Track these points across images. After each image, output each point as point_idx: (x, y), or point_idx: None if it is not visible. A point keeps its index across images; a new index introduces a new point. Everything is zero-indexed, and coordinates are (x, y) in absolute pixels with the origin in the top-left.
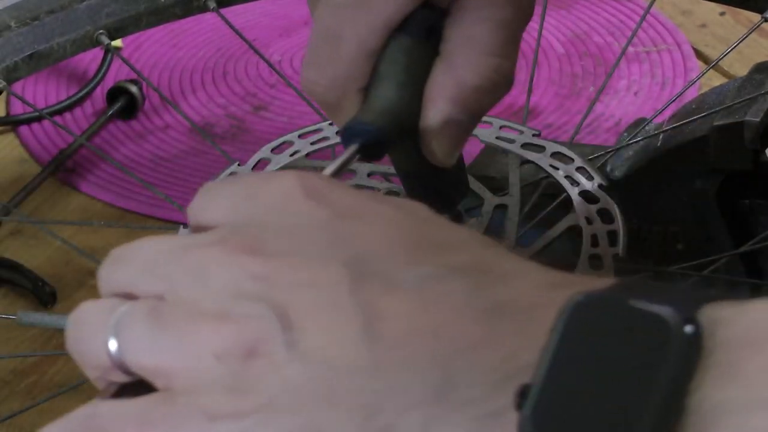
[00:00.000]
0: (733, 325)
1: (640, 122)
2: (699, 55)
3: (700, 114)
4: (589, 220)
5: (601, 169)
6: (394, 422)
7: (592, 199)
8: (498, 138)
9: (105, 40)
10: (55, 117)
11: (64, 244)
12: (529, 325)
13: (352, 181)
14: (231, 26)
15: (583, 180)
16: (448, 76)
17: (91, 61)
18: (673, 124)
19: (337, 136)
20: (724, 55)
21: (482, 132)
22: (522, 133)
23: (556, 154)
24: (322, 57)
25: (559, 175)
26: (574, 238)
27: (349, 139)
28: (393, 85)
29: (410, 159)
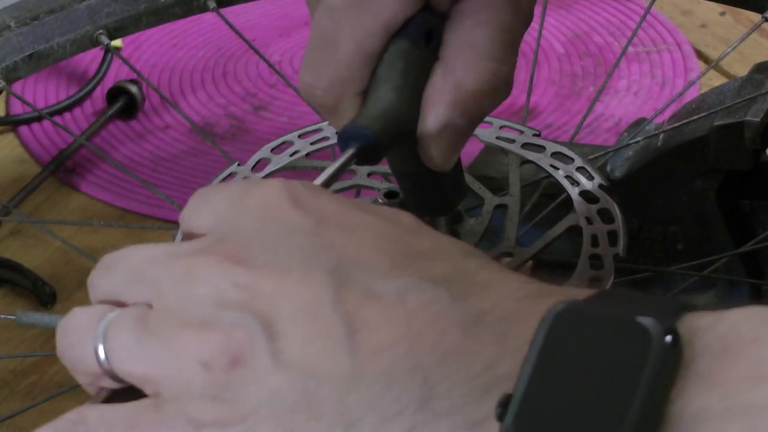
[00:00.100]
0: (711, 334)
1: (640, 122)
2: (699, 55)
3: (700, 114)
4: (589, 220)
5: (601, 169)
6: None
7: (592, 199)
8: (498, 138)
9: (105, 40)
10: (55, 117)
11: (64, 244)
12: (509, 335)
13: (352, 181)
14: (231, 26)
15: (584, 180)
16: (446, 80)
17: (91, 61)
18: (673, 124)
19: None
20: (724, 55)
21: (482, 132)
22: (522, 133)
23: (556, 154)
24: (319, 60)
25: (559, 175)
26: (574, 238)
27: (346, 143)
28: (391, 89)
29: (408, 162)
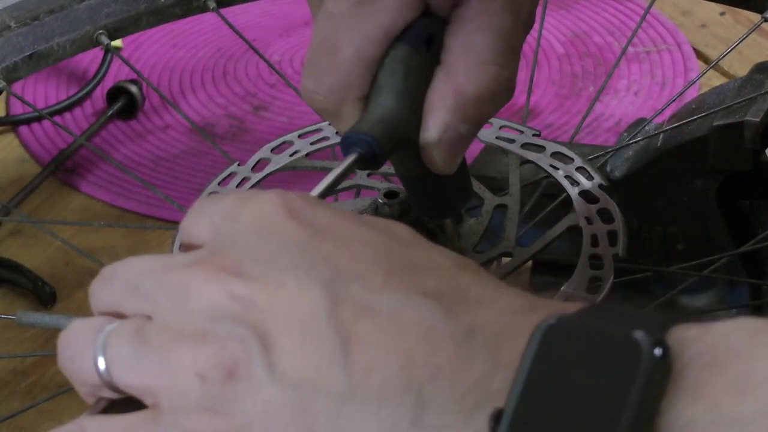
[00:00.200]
0: (700, 345)
1: (640, 122)
2: (699, 55)
3: (700, 114)
4: (589, 220)
5: (601, 169)
6: None
7: (592, 199)
8: (498, 138)
9: (105, 40)
10: (55, 117)
11: (64, 244)
12: (501, 349)
13: (352, 181)
14: (231, 26)
15: (583, 180)
16: (448, 85)
17: (91, 61)
18: (673, 124)
19: (337, 136)
20: (724, 55)
21: (482, 132)
22: (522, 133)
23: (556, 154)
24: (320, 66)
25: (559, 175)
26: (573, 238)
27: (348, 149)
28: (392, 94)
29: (411, 166)
